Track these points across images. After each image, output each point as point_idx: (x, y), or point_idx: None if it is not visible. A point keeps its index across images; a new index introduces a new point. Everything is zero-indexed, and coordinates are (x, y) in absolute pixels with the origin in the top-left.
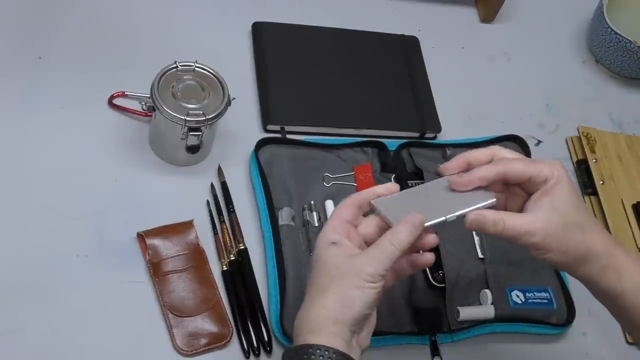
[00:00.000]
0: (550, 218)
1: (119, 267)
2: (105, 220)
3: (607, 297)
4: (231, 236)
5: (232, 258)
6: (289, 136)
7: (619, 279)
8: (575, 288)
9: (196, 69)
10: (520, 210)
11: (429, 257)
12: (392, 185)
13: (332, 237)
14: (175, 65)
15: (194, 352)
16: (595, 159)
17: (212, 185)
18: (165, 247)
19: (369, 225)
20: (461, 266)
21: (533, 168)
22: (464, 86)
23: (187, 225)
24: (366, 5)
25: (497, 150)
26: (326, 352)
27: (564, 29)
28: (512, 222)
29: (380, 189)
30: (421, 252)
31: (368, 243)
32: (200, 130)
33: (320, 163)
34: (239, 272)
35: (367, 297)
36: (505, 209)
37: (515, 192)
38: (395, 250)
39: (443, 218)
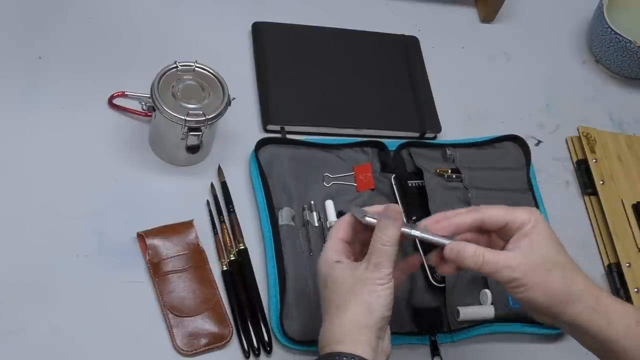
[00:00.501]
0: (530, 255)
1: (119, 267)
2: (105, 220)
3: (597, 343)
4: (231, 236)
5: (232, 258)
6: (289, 136)
7: (608, 324)
8: None
9: (196, 69)
10: None
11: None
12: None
13: (334, 257)
14: (175, 65)
15: (194, 352)
16: (595, 159)
17: (212, 185)
18: (165, 247)
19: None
20: None
21: (510, 214)
22: (464, 86)
23: (187, 225)
24: (366, 5)
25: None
26: None
27: (564, 29)
28: (491, 255)
29: (373, 207)
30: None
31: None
32: (200, 130)
33: (320, 163)
34: (239, 272)
35: (383, 300)
36: None
37: (494, 241)
38: (389, 249)
39: (409, 231)
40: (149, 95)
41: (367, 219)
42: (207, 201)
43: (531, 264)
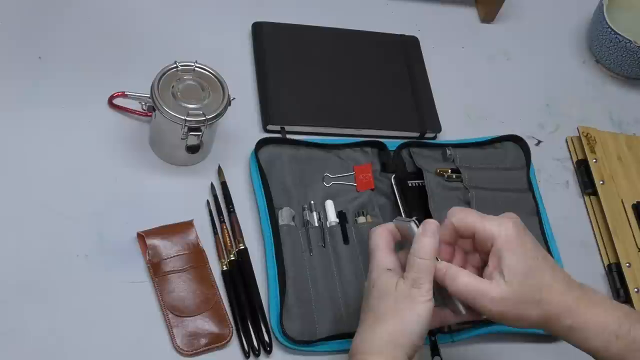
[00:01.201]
0: (508, 287)
1: (119, 267)
2: (105, 220)
3: (573, 341)
4: (231, 236)
5: (232, 258)
6: (289, 136)
7: (586, 339)
8: None
9: (196, 69)
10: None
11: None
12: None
13: (387, 264)
14: (175, 65)
15: (194, 352)
16: (595, 159)
17: (212, 185)
18: (165, 247)
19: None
20: None
21: (479, 223)
22: (464, 86)
23: (187, 225)
24: (366, 5)
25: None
26: None
27: (564, 29)
28: (473, 283)
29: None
30: None
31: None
32: (200, 130)
33: (320, 163)
34: (239, 272)
35: (422, 319)
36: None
37: (472, 257)
38: (427, 262)
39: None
40: (149, 95)
41: (412, 225)
42: (207, 201)
43: (506, 295)
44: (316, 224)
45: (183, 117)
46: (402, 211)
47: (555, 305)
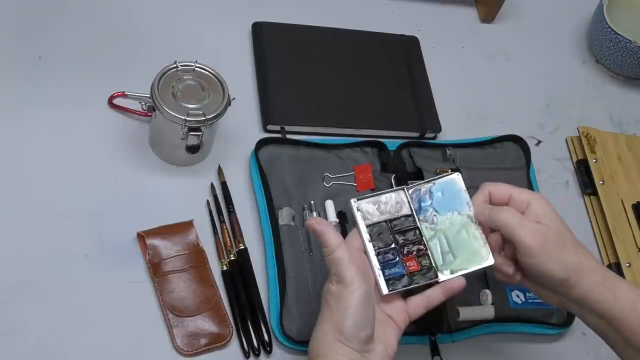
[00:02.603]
0: (547, 229)
1: (119, 267)
2: (105, 220)
3: (603, 320)
4: (231, 236)
5: (232, 258)
6: (289, 136)
7: (615, 299)
8: None
9: (196, 69)
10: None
11: (460, 282)
12: None
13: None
14: (175, 65)
15: (194, 352)
16: (595, 159)
17: (212, 185)
18: (165, 247)
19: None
20: None
21: (513, 189)
22: (464, 86)
23: (187, 225)
24: (366, 5)
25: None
26: None
27: (564, 29)
28: (518, 216)
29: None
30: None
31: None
32: (200, 130)
33: (320, 163)
34: (239, 272)
35: (352, 310)
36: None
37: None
38: (336, 254)
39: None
40: (149, 95)
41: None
42: (207, 201)
43: (550, 235)
44: None
45: (183, 117)
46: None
47: (591, 260)
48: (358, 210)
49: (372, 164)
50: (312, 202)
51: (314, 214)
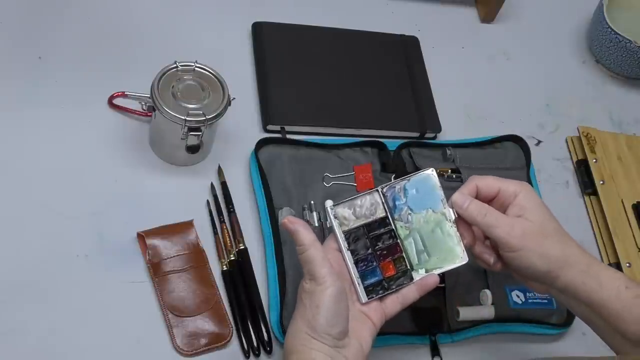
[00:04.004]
0: (528, 222)
1: (119, 267)
2: (105, 220)
3: (588, 307)
4: (231, 236)
5: (232, 258)
6: (289, 136)
7: (600, 286)
8: None
9: (196, 69)
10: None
11: (434, 279)
12: None
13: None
14: (175, 65)
15: (194, 352)
16: (595, 159)
17: (212, 185)
18: (165, 247)
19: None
20: None
21: (501, 182)
22: (464, 86)
23: (187, 225)
24: (366, 5)
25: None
26: None
27: (564, 29)
28: (493, 212)
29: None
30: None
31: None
32: (200, 130)
33: (320, 163)
34: (239, 272)
35: (323, 305)
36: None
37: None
38: (308, 252)
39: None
40: (149, 95)
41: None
42: (207, 201)
43: (530, 229)
44: (316, 224)
45: (183, 117)
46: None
47: (575, 250)
48: (335, 217)
49: (372, 164)
50: (312, 202)
51: (314, 214)
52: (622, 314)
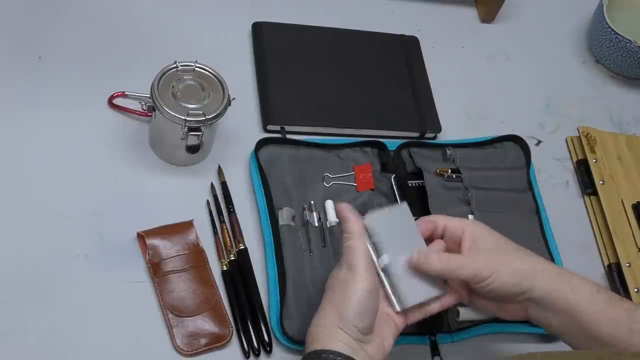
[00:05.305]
0: (485, 249)
1: (119, 267)
2: (105, 220)
3: (564, 315)
4: (231, 236)
5: (232, 258)
6: (289, 136)
7: (573, 290)
8: None
9: (196, 69)
10: None
11: (450, 300)
12: None
13: (337, 269)
14: (175, 65)
15: (194, 352)
16: (595, 159)
17: (212, 185)
18: (165, 247)
19: None
20: None
21: (449, 219)
22: (464, 86)
23: (187, 225)
24: (366, 5)
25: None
26: (331, 355)
27: (564, 29)
28: (455, 257)
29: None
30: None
31: None
32: (200, 130)
33: (320, 163)
34: (239, 272)
35: (357, 299)
36: None
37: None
38: (355, 243)
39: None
40: (149, 95)
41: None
42: (207, 201)
43: (491, 254)
44: (316, 224)
45: (183, 117)
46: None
47: (540, 260)
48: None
49: (372, 164)
50: (312, 202)
51: (314, 214)
52: (596, 317)
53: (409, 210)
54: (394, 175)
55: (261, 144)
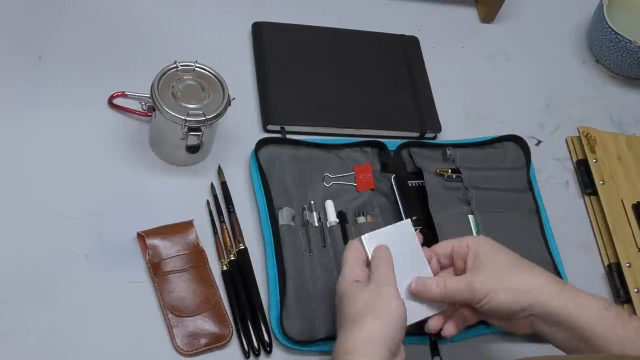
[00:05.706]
0: (484, 268)
1: (119, 267)
2: (105, 220)
3: (568, 332)
4: (231, 236)
5: (232, 258)
6: (289, 136)
7: (578, 309)
8: None
9: (196, 69)
10: None
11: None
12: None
13: (352, 276)
14: (175, 65)
15: (194, 352)
16: (595, 159)
17: (212, 185)
18: (165, 247)
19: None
20: None
21: (454, 240)
22: (464, 86)
23: (187, 225)
24: (366, 5)
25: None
26: None
27: (564, 29)
28: (452, 280)
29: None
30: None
31: None
32: (200, 130)
33: (320, 163)
34: (239, 272)
35: (399, 313)
36: None
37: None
38: (381, 261)
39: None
40: (149, 95)
41: (365, 245)
42: (207, 201)
43: (487, 275)
44: (316, 224)
45: (183, 117)
46: (402, 211)
47: (542, 275)
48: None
49: (372, 164)
50: (312, 202)
51: (314, 214)
52: (607, 335)
53: (412, 227)
54: (394, 175)
55: (261, 144)
